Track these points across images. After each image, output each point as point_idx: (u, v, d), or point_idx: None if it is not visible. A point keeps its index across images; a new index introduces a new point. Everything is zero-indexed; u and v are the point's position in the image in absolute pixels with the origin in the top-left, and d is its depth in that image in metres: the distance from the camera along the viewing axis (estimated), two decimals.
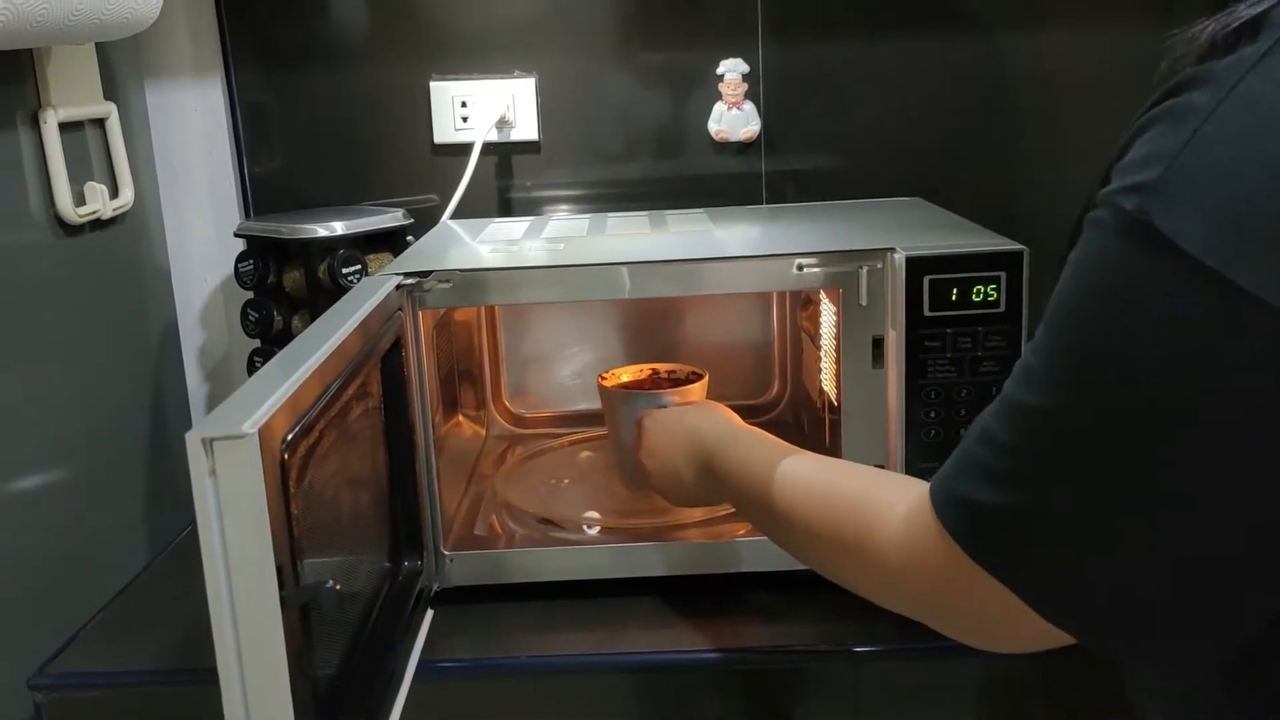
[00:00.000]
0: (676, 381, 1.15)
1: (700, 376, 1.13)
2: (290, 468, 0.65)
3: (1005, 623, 0.56)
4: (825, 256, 0.96)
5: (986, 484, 0.54)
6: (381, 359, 0.91)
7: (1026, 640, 0.56)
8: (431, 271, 0.97)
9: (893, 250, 0.95)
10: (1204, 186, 0.47)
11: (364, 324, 0.82)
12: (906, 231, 1.07)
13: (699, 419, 0.95)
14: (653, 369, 1.19)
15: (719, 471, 0.87)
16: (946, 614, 0.61)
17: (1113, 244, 0.50)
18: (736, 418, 0.95)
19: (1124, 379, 0.49)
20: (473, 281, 0.98)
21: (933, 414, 0.95)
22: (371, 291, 0.90)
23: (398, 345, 0.93)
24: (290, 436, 0.65)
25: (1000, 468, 0.53)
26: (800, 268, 0.97)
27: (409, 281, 0.96)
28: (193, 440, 0.59)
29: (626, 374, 1.18)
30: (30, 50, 1.04)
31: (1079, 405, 0.50)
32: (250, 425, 0.60)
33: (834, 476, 0.74)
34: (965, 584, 0.56)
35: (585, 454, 1.28)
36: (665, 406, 1.04)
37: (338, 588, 0.66)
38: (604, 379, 1.16)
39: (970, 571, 0.55)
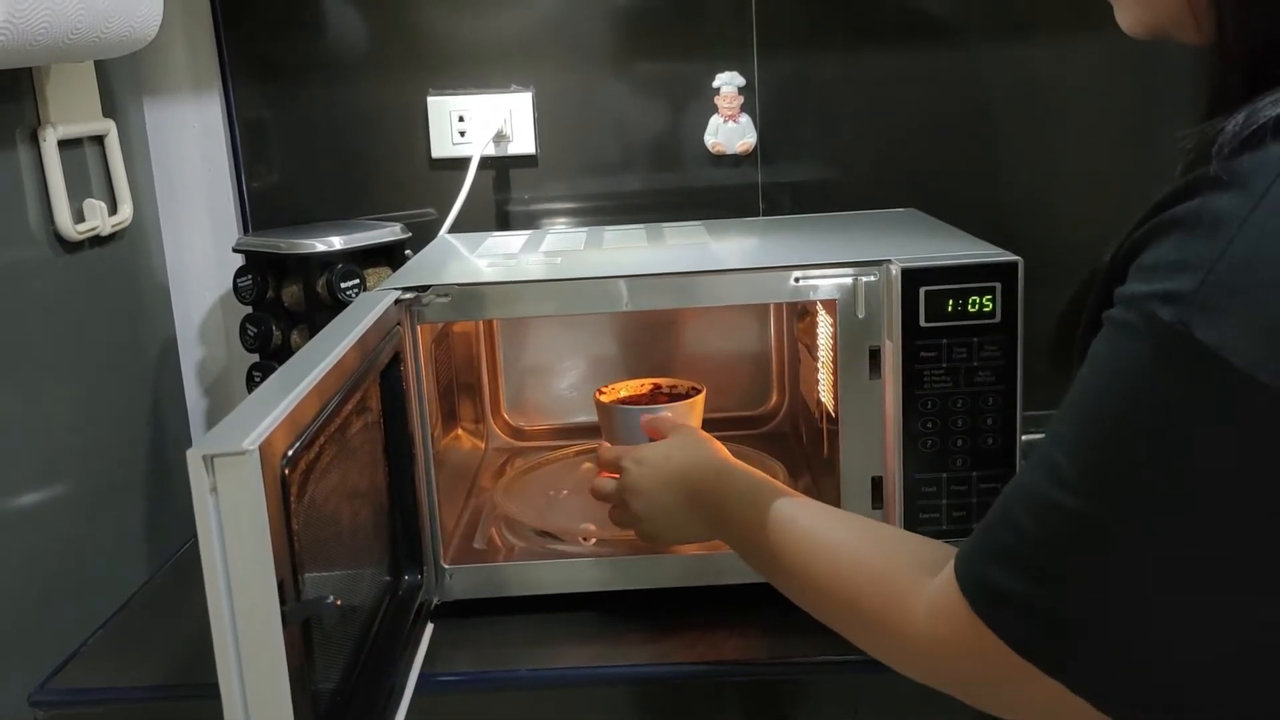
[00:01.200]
0: (676, 396, 1.15)
1: (698, 391, 1.13)
2: (291, 483, 0.65)
3: (1047, 703, 0.55)
4: (821, 269, 0.97)
5: (1016, 573, 0.54)
6: (380, 373, 0.91)
7: (1067, 715, 0.55)
8: (430, 286, 0.98)
9: (889, 262, 0.95)
10: (1248, 298, 0.46)
11: (362, 339, 0.83)
12: (902, 243, 1.08)
13: (684, 457, 0.92)
14: (653, 384, 1.19)
15: (713, 514, 0.86)
16: (983, 694, 0.60)
17: (1148, 353, 0.49)
18: (723, 450, 0.92)
19: (1171, 492, 0.49)
20: (471, 295, 0.98)
21: (929, 424, 0.95)
22: (370, 306, 0.90)
23: (396, 359, 0.94)
24: (291, 452, 0.65)
25: (1031, 560, 0.53)
26: (797, 280, 0.97)
27: (407, 296, 0.97)
28: (194, 457, 0.59)
29: (625, 389, 1.18)
30: (30, 68, 1.05)
31: (1119, 514, 0.50)
32: (251, 442, 0.60)
33: (846, 536, 0.72)
34: (1005, 668, 0.55)
35: (584, 466, 1.28)
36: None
37: (338, 603, 0.66)
38: (601, 394, 1.16)
39: (1007, 656, 0.55)
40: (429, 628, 0.99)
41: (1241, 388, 0.46)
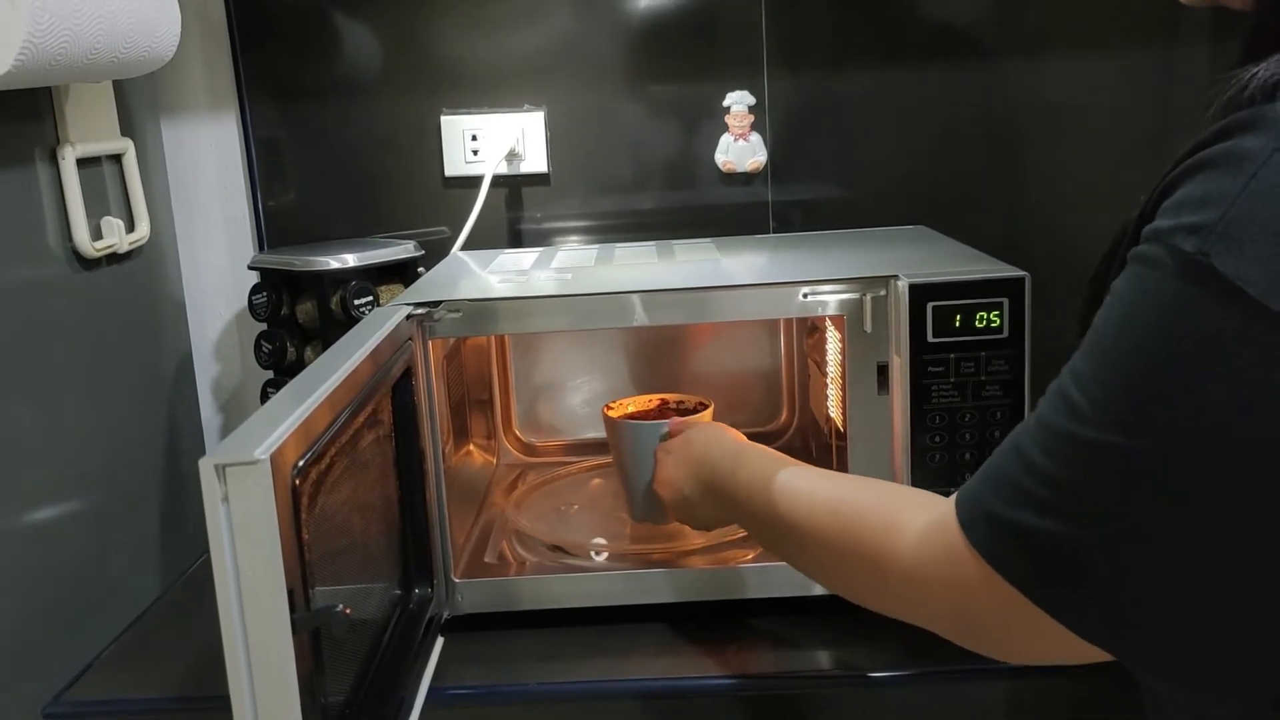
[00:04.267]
0: (684, 411, 1.15)
1: (706, 406, 1.13)
2: (302, 494, 0.66)
3: (1034, 640, 0.56)
4: (830, 284, 0.98)
5: (1029, 510, 0.54)
6: (392, 388, 0.92)
7: (1056, 656, 0.57)
8: (441, 301, 0.99)
9: (896, 277, 0.96)
10: (1265, 231, 0.48)
11: (374, 353, 0.84)
12: (910, 259, 1.08)
13: (703, 441, 0.95)
14: (661, 399, 1.19)
15: (724, 491, 0.87)
16: (967, 628, 0.61)
17: (1169, 283, 0.50)
18: (740, 436, 0.94)
19: (1188, 418, 0.49)
20: (482, 311, 0.99)
21: (938, 439, 0.96)
22: (382, 321, 0.91)
23: (408, 374, 0.95)
24: (302, 463, 0.66)
25: (1046, 496, 0.54)
26: (805, 296, 0.98)
27: (419, 311, 0.98)
28: (206, 466, 0.60)
29: (633, 404, 1.18)
30: (49, 88, 1.06)
31: (1140, 443, 0.51)
32: (262, 451, 0.61)
33: (843, 489, 0.74)
34: (992, 601, 0.56)
35: (595, 481, 1.29)
36: (664, 436, 1.05)
37: (348, 612, 0.67)
38: (609, 409, 1.16)
39: (999, 590, 0.55)
40: (439, 641, 1.00)
41: (1257, 318, 0.47)
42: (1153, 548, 0.51)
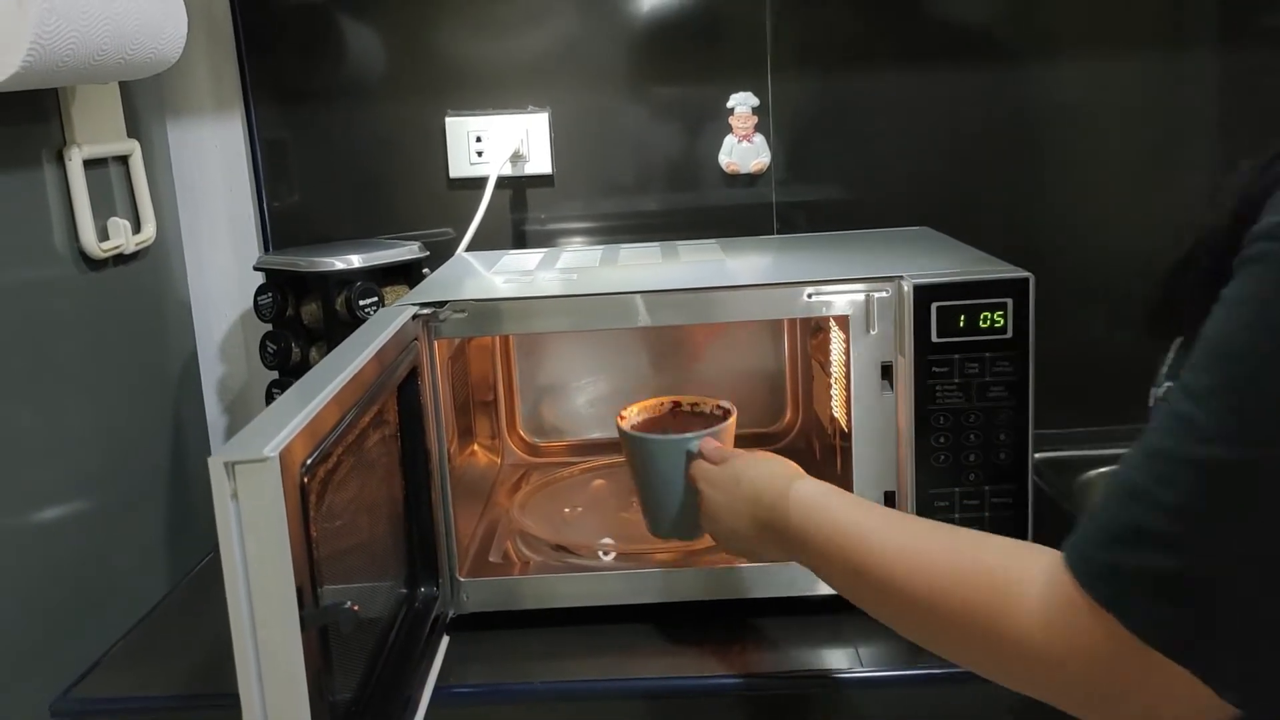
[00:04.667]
0: (700, 415, 1.07)
1: (728, 412, 1.03)
2: (310, 491, 0.66)
3: (1179, 703, 0.51)
4: (834, 284, 0.98)
5: (1155, 551, 0.50)
6: (398, 387, 0.93)
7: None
8: (447, 302, 0.99)
9: (901, 278, 0.96)
10: None
11: (380, 353, 0.84)
12: (914, 259, 1.08)
13: (756, 479, 0.86)
14: (673, 401, 1.09)
15: (792, 535, 0.79)
16: (1105, 701, 0.54)
17: None
18: (796, 469, 0.85)
19: None
20: (487, 311, 1.00)
21: (942, 439, 0.96)
22: (388, 321, 0.91)
23: (414, 374, 0.95)
24: (310, 460, 0.67)
25: (1168, 530, 0.49)
26: (810, 296, 0.98)
27: (425, 311, 0.98)
28: (215, 464, 0.60)
29: (643, 409, 1.08)
30: (56, 89, 1.07)
31: (1266, 458, 0.47)
32: (272, 449, 0.61)
33: (937, 545, 0.65)
34: (1129, 665, 0.51)
35: (598, 482, 1.29)
36: (693, 451, 0.95)
37: (356, 609, 0.67)
38: (622, 418, 1.05)
39: (1135, 651, 0.50)
40: (445, 640, 1.00)
41: None
42: None
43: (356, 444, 0.80)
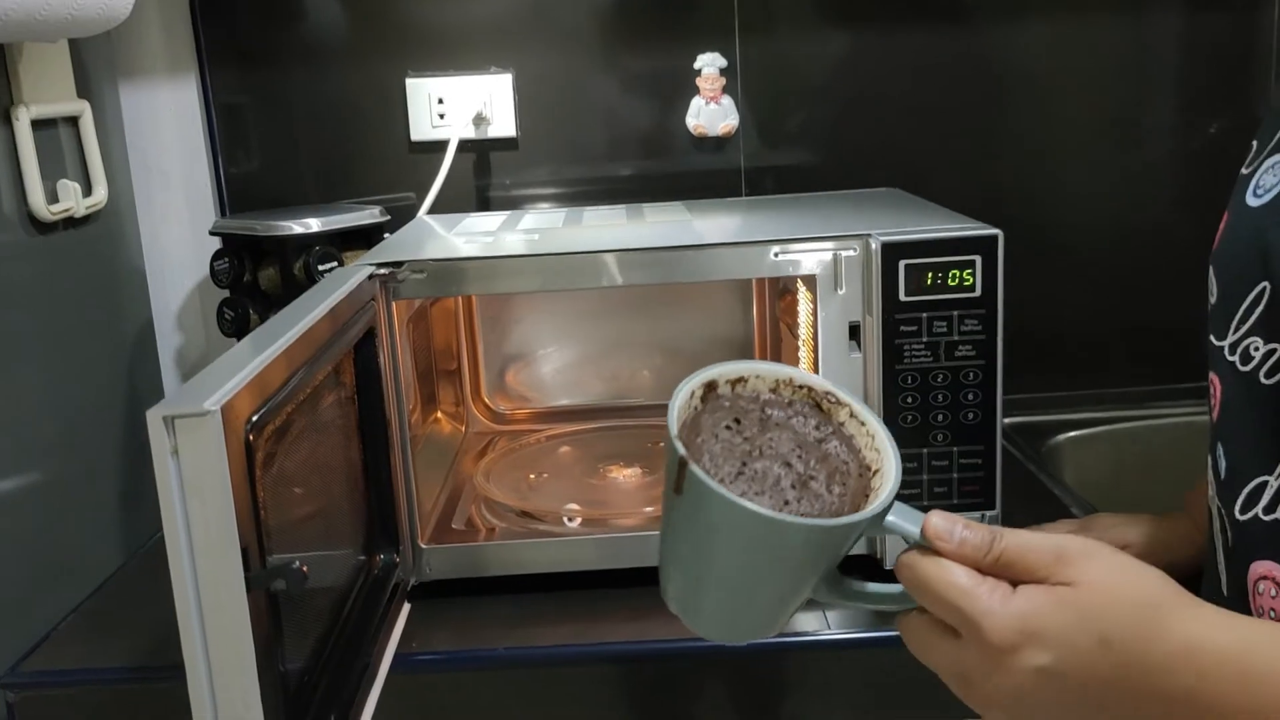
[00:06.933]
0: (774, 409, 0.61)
1: (838, 402, 0.60)
2: (256, 449, 0.64)
3: None
4: (801, 243, 0.96)
5: None
6: (355, 348, 0.90)
7: None
8: (405, 261, 0.96)
9: (869, 235, 0.94)
10: None
11: (334, 311, 0.82)
12: (882, 218, 1.07)
13: (1129, 636, 0.52)
14: (705, 385, 0.60)
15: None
16: None
17: None
18: (1184, 596, 0.53)
19: None
20: (446, 271, 0.97)
21: (910, 399, 0.95)
22: (343, 280, 0.89)
23: (371, 335, 0.93)
24: (256, 417, 0.64)
25: None
26: (777, 255, 0.96)
27: (382, 272, 0.96)
28: (154, 418, 0.58)
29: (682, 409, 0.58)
30: (1, 46, 1.03)
31: None
32: (213, 403, 0.59)
33: None
34: None
35: (565, 449, 1.27)
36: (911, 548, 0.56)
37: (305, 570, 0.65)
38: (697, 460, 0.55)
39: None
40: (406, 607, 0.98)
41: None
42: None
43: (310, 404, 0.78)
